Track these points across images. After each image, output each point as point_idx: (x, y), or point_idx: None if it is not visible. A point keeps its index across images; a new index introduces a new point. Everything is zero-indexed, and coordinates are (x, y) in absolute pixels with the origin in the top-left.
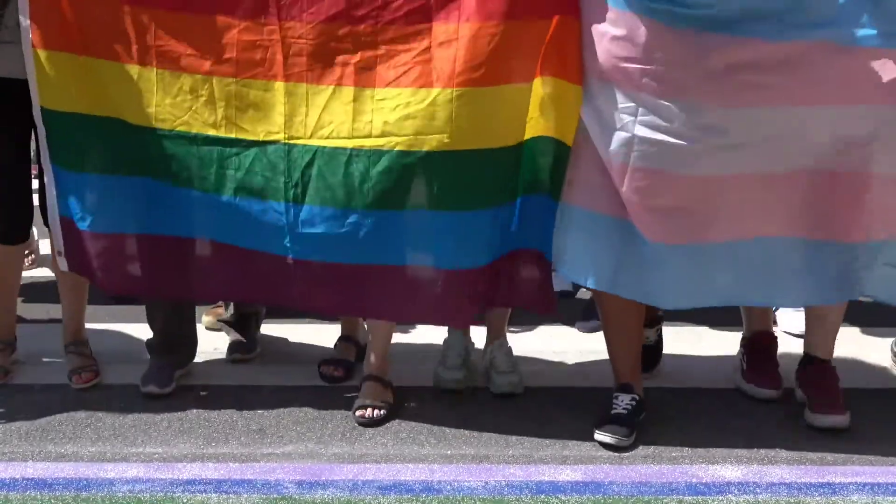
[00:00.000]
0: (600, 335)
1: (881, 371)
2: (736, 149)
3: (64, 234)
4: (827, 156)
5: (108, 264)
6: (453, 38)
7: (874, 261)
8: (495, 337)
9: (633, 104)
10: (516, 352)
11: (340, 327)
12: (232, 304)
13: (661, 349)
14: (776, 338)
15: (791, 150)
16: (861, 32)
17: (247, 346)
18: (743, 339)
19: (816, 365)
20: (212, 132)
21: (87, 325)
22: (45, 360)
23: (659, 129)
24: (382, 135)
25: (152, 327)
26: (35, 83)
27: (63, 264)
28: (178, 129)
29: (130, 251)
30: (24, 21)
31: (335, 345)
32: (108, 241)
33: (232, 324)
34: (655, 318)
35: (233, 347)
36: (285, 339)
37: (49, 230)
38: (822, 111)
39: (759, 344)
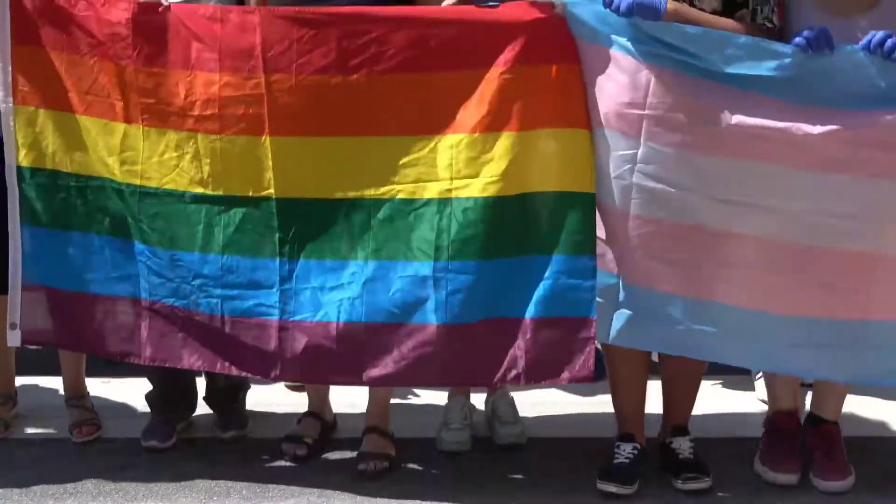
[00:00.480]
0: (602, 384)
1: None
2: (734, 204)
3: (32, 301)
4: (826, 229)
5: (84, 326)
6: (451, 85)
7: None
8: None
9: (632, 151)
10: (518, 402)
11: (308, 401)
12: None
13: None
14: (799, 420)
15: (793, 216)
16: (872, 103)
17: (239, 423)
18: (765, 419)
19: (824, 427)
20: (199, 190)
21: (88, 379)
22: (46, 413)
23: (658, 178)
24: (383, 183)
25: (151, 381)
26: (13, 141)
27: (15, 338)
28: (165, 186)
29: (109, 313)
30: (6, 77)
31: (299, 420)
32: (85, 302)
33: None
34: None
35: (225, 425)
36: (284, 390)
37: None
38: (826, 178)
39: (780, 424)
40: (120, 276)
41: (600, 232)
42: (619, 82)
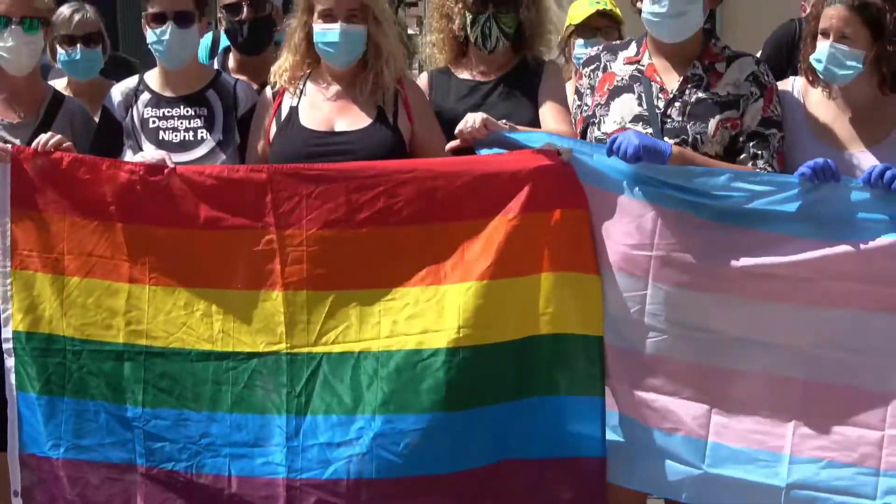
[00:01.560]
0: None
1: None
2: (745, 342)
3: (31, 470)
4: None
5: (78, 495)
6: (459, 234)
7: None
8: None
9: (641, 292)
10: None
11: None
12: None
13: None
14: None
15: (796, 352)
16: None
17: None
18: None
19: None
20: (207, 347)
21: None
22: None
23: (667, 318)
24: (391, 335)
25: None
26: (10, 306)
27: None
28: (171, 345)
29: (104, 481)
30: (4, 243)
31: None
32: (79, 470)
33: None
34: None
35: None
36: None
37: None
38: (831, 313)
39: None
40: (115, 442)
41: (610, 372)
42: (626, 225)
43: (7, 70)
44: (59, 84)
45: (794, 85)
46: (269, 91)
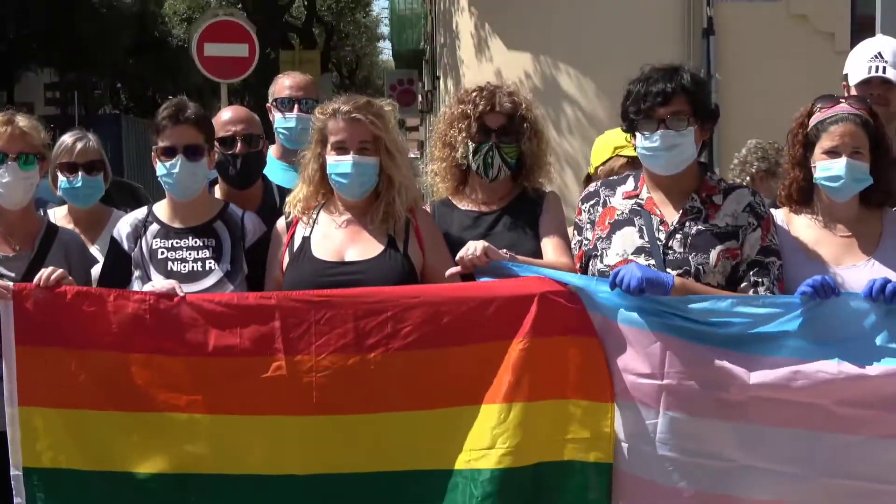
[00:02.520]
0: None
1: None
2: (756, 470)
3: None
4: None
5: None
6: (466, 359)
7: None
8: None
9: (652, 421)
10: None
11: None
12: None
13: None
14: None
15: (808, 480)
16: (878, 356)
17: None
18: None
19: None
20: (213, 471)
21: None
22: None
23: (678, 447)
24: (401, 458)
25: None
26: (17, 442)
27: None
28: (179, 472)
29: None
30: (11, 380)
31: None
32: None
33: None
34: None
35: None
36: None
37: None
38: (838, 439)
39: None
40: None
41: (620, 500)
42: (634, 355)
43: (2, 205)
44: (59, 213)
45: (775, 216)
46: (282, 221)
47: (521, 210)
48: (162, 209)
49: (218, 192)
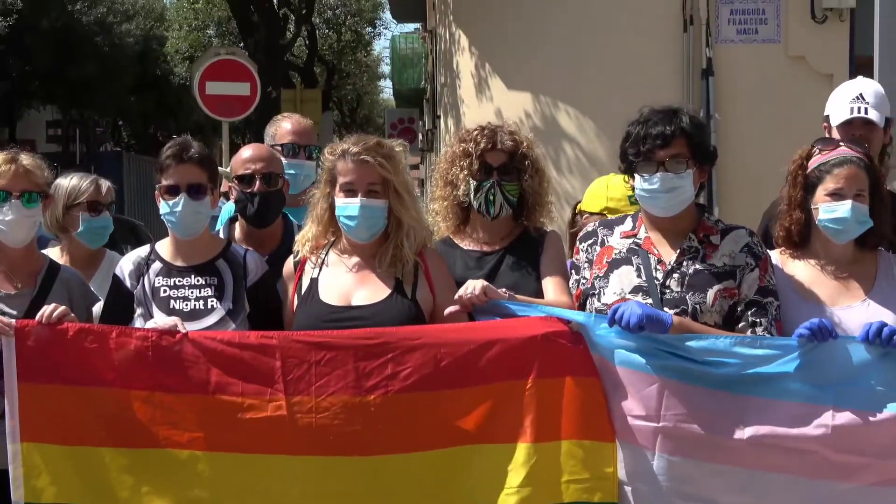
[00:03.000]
0: None
1: None
2: None
3: None
4: None
5: None
6: (467, 401)
7: None
8: None
9: (649, 463)
10: None
11: None
12: None
13: None
14: None
15: None
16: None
17: None
18: None
19: None
20: None
21: None
22: None
23: (675, 490)
24: (400, 499)
25: None
26: (20, 479)
27: None
28: None
29: None
30: (13, 416)
31: None
32: None
33: None
34: None
35: None
36: None
37: None
38: (835, 486)
39: None
40: None
41: None
42: (631, 397)
43: (5, 242)
44: (53, 253)
45: (770, 256)
46: (290, 262)
47: (523, 250)
48: (164, 247)
49: (238, 230)
